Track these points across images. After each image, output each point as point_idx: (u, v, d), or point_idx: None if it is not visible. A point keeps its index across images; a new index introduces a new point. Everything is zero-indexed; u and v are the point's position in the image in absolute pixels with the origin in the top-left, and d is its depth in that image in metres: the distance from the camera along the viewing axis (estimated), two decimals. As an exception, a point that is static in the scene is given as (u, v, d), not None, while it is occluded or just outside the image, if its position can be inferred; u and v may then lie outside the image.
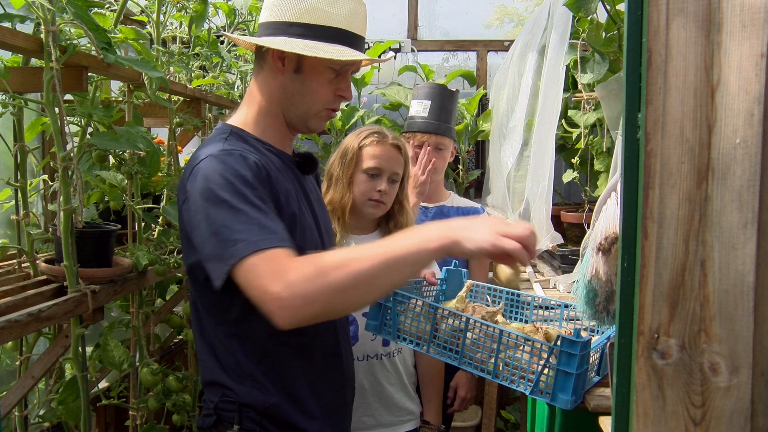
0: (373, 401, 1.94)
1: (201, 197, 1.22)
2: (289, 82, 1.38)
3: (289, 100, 1.39)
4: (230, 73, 2.84)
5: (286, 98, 1.40)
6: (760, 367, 0.81)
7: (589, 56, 2.11)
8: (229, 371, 1.38)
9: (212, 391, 1.42)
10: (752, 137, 0.79)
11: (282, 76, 1.38)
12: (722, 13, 0.80)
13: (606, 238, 1.32)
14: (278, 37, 1.34)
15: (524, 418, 2.54)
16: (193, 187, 1.24)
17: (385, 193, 1.92)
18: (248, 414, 1.37)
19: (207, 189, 1.22)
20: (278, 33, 1.34)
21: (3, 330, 1.36)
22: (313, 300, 1.11)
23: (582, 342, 1.28)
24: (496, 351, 1.38)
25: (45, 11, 1.46)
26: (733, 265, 0.81)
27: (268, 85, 1.40)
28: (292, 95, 1.39)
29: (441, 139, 2.50)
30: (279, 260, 1.14)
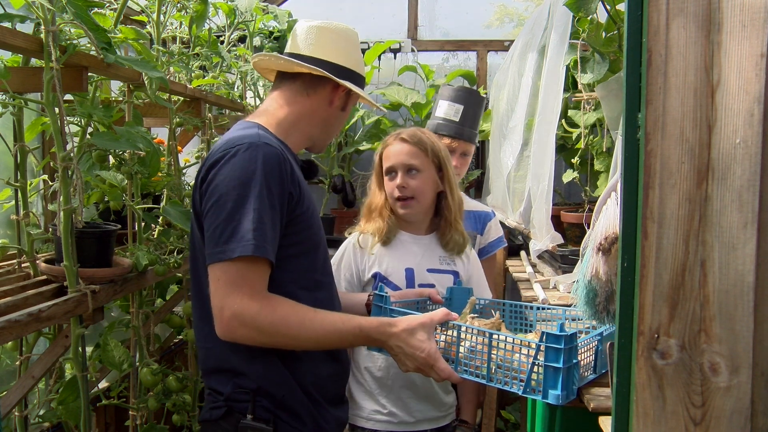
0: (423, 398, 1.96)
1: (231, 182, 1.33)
2: (334, 116, 1.61)
3: (325, 128, 1.62)
4: (230, 73, 2.84)
5: (324, 126, 1.61)
6: (760, 367, 0.81)
7: (589, 56, 2.11)
8: (239, 353, 1.41)
9: (220, 380, 1.43)
10: (752, 137, 0.79)
11: (330, 109, 1.59)
12: (722, 13, 0.80)
13: (606, 238, 1.32)
14: (344, 79, 1.56)
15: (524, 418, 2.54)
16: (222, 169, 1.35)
17: (405, 186, 1.93)
18: (261, 403, 1.40)
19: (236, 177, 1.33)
20: (341, 76, 1.56)
21: (3, 330, 1.36)
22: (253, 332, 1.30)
23: (566, 335, 1.29)
24: (488, 355, 1.39)
25: (45, 11, 1.46)
26: (733, 265, 0.81)
27: (312, 110, 1.57)
28: (330, 126, 1.63)
29: (469, 146, 2.53)
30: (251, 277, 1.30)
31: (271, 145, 1.39)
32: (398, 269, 1.93)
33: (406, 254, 1.96)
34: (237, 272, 1.29)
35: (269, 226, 1.32)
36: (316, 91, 1.57)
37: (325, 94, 1.57)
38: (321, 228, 1.57)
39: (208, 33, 2.51)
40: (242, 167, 1.33)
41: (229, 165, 1.34)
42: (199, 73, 2.58)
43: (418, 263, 1.96)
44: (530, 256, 2.52)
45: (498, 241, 2.49)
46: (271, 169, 1.35)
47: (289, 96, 1.57)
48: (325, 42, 1.58)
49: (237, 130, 1.48)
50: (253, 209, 1.30)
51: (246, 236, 1.29)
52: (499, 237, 2.49)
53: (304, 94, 1.56)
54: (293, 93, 1.57)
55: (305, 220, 1.45)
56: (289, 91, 1.57)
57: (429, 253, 1.99)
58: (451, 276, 1.99)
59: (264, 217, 1.31)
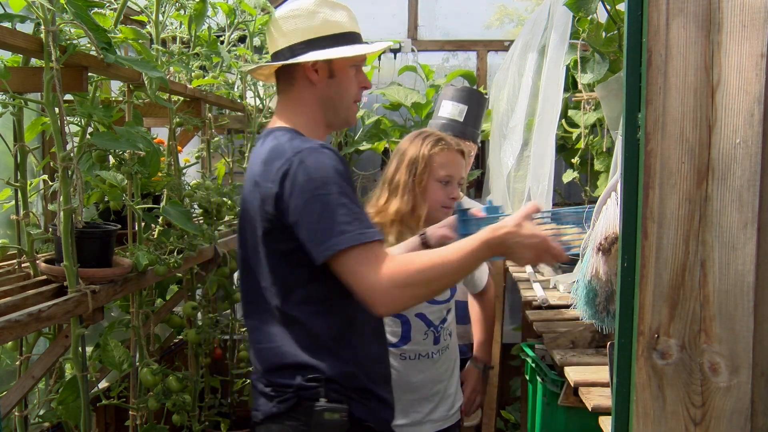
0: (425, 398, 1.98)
1: (307, 187, 1.37)
2: (326, 88, 1.56)
3: (328, 103, 1.57)
4: (230, 73, 2.84)
5: (325, 103, 1.57)
6: (760, 367, 0.81)
7: (589, 56, 2.11)
8: (306, 349, 1.46)
9: (285, 374, 1.47)
10: (752, 137, 0.79)
11: (318, 85, 1.55)
12: (722, 13, 0.80)
13: (606, 238, 1.32)
14: (305, 54, 1.51)
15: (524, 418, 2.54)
16: (297, 178, 1.38)
17: (456, 199, 1.97)
18: (332, 386, 1.45)
19: (313, 180, 1.37)
20: (302, 52, 1.52)
21: (3, 330, 1.36)
22: (405, 291, 1.34)
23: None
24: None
25: (45, 11, 1.46)
26: (733, 265, 0.81)
27: (304, 98, 1.56)
28: (330, 98, 1.57)
29: (471, 146, 2.54)
30: (377, 253, 1.35)
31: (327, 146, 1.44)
32: None
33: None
34: (366, 253, 1.34)
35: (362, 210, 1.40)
36: (294, 77, 1.56)
37: (300, 75, 1.55)
38: None
39: (208, 33, 2.51)
40: (317, 169, 1.38)
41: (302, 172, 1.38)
42: (199, 73, 2.58)
43: None
44: (530, 256, 2.51)
45: None
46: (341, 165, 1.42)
47: (284, 97, 1.59)
48: (275, 33, 1.57)
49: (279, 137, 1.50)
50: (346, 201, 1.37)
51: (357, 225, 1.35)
52: None
53: (290, 87, 1.57)
54: (283, 92, 1.59)
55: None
56: (282, 93, 1.60)
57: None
58: None
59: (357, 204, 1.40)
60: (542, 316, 2.01)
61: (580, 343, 1.77)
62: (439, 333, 1.99)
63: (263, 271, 1.49)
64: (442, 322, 2.00)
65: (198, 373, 2.54)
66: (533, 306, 2.12)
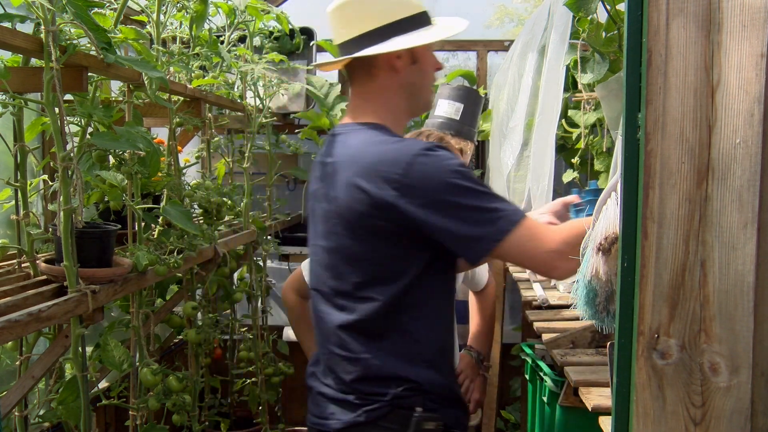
0: None
1: (441, 189, 1.34)
2: (410, 75, 1.49)
3: (413, 90, 1.52)
4: (230, 73, 2.84)
5: (409, 90, 1.51)
6: (760, 367, 0.81)
7: (589, 56, 2.11)
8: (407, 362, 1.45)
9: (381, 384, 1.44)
10: (752, 137, 0.79)
11: (402, 73, 1.48)
12: (722, 13, 0.80)
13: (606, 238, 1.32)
14: (389, 40, 1.43)
15: (524, 418, 2.54)
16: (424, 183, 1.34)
17: None
18: (429, 396, 1.44)
19: (445, 181, 1.34)
20: (382, 39, 1.43)
21: (3, 330, 1.36)
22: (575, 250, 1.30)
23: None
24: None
25: (45, 11, 1.46)
26: (733, 265, 0.81)
27: (387, 87, 1.49)
28: (414, 85, 1.51)
29: (467, 144, 2.54)
30: (536, 225, 1.35)
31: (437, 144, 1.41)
32: None
33: None
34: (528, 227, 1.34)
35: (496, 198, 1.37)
36: (375, 66, 1.47)
37: (383, 64, 1.47)
38: None
39: (208, 33, 2.51)
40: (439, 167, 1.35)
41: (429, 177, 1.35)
42: (199, 73, 2.58)
43: None
44: (530, 256, 2.51)
45: None
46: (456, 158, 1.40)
47: (363, 87, 1.51)
48: (349, 17, 1.46)
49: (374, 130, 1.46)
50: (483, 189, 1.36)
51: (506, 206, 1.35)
52: None
53: (370, 77, 1.49)
54: (363, 82, 1.51)
55: None
56: (360, 83, 1.52)
57: None
58: None
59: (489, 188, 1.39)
60: (542, 316, 2.01)
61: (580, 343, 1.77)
62: None
63: (358, 279, 1.44)
64: None
65: (198, 373, 2.54)
66: (533, 306, 2.12)
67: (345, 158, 1.45)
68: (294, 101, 3.62)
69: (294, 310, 2.40)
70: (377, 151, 1.41)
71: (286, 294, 2.42)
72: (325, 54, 3.65)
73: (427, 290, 1.45)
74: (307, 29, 3.58)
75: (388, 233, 1.40)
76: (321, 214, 1.52)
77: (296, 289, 2.39)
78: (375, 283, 1.44)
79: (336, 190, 1.44)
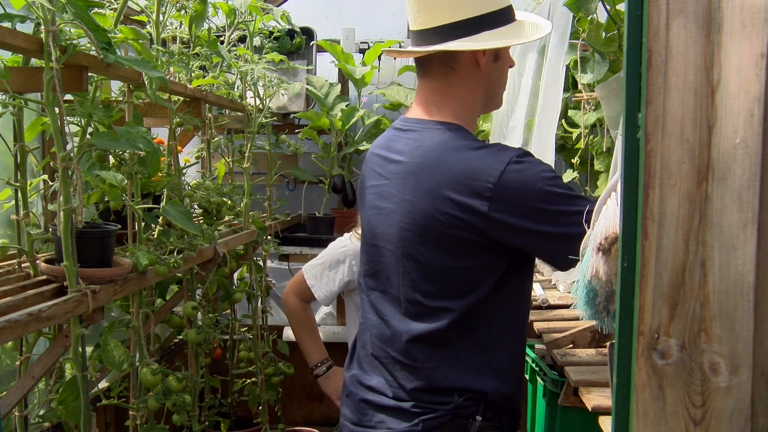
0: None
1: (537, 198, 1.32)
2: (491, 72, 1.45)
3: (490, 88, 1.48)
4: (230, 73, 2.84)
5: (490, 88, 1.48)
6: (760, 367, 0.81)
7: (589, 56, 2.11)
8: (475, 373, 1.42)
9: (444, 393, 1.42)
10: (752, 137, 0.79)
11: (482, 71, 1.43)
12: (722, 13, 0.80)
13: (606, 238, 1.32)
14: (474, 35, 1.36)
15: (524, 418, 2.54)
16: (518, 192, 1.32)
17: None
18: (489, 405, 1.41)
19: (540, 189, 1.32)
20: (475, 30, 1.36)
21: (3, 330, 1.36)
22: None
23: None
24: None
25: (45, 11, 1.46)
26: (733, 265, 0.81)
27: (468, 83, 1.44)
28: (493, 83, 1.48)
29: None
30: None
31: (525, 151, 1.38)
32: None
33: None
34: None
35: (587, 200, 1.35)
36: (458, 60, 1.41)
37: (467, 58, 1.40)
38: None
39: (208, 33, 2.51)
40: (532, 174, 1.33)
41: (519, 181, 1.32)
42: (199, 73, 2.58)
43: None
44: (530, 256, 2.52)
45: None
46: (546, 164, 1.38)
47: (440, 81, 1.44)
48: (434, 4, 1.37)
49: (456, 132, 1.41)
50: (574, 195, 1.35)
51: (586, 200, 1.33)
52: None
53: (450, 71, 1.42)
54: (441, 76, 1.44)
55: None
56: (436, 76, 1.44)
57: None
58: None
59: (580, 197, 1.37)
60: (542, 316, 2.01)
61: (580, 343, 1.77)
62: None
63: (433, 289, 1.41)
64: None
65: (198, 373, 2.53)
66: (533, 306, 2.12)
67: (423, 161, 1.39)
68: (294, 101, 3.62)
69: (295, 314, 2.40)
70: (464, 158, 1.35)
71: (287, 298, 2.42)
72: (325, 54, 3.65)
73: (503, 300, 1.42)
74: (307, 29, 3.58)
75: (471, 244, 1.36)
76: (388, 214, 1.46)
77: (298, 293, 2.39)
78: (451, 293, 1.41)
79: (413, 195, 1.39)
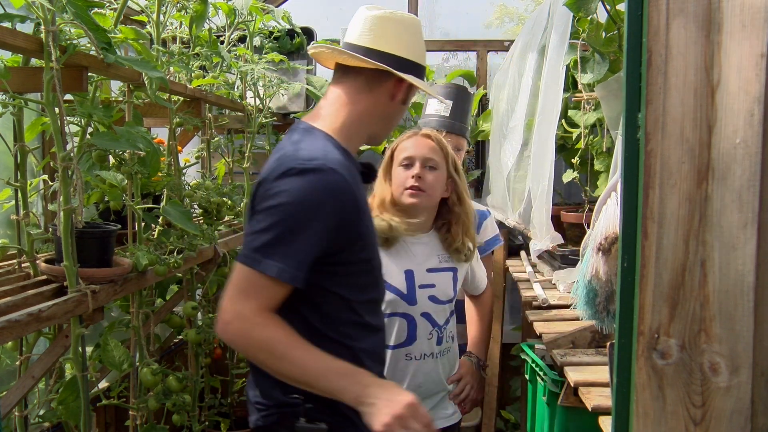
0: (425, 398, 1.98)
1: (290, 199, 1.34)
2: (395, 110, 1.57)
3: (386, 123, 1.58)
4: (230, 73, 2.84)
5: (385, 121, 1.58)
6: (760, 367, 0.81)
7: (589, 56, 2.11)
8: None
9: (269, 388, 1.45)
10: (752, 137, 0.79)
11: (393, 104, 1.54)
12: (722, 13, 0.80)
13: (606, 238, 1.32)
14: (408, 74, 1.51)
15: (524, 418, 2.54)
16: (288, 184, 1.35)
17: (421, 177, 1.93)
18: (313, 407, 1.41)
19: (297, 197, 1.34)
20: (404, 69, 1.51)
21: (3, 330, 1.36)
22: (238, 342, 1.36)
23: None
24: None
25: (45, 11, 1.46)
26: (733, 265, 0.81)
27: (374, 106, 1.53)
28: (391, 120, 1.59)
29: (460, 140, 2.55)
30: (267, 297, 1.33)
31: (338, 171, 1.37)
32: (398, 271, 1.94)
33: (406, 256, 1.96)
34: (258, 283, 1.32)
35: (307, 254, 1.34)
36: (380, 86, 1.52)
37: (387, 88, 1.52)
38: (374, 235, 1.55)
39: (208, 33, 2.51)
40: (305, 189, 1.34)
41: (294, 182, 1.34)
42: (199, 73, 2.58)
43: (419, 264, 1.96)
44: (530, 256, 2.52)
45: (494, 239, 2.51)
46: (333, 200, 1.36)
47: (352, 93, 1.53)
48: (387, 33, 1.52)
49: (304, 136, 1.46)
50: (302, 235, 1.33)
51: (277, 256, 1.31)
52: (495, 236, 2.51)
53: (366, 89, 1.52)
54: (355, 89, 1.52)
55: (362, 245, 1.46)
56: (352, 88, 1.53)
57: (429, 252, 1.99)
58: (450, 273, 2.00)
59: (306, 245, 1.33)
60: (542, 316, 2.01)
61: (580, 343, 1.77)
62: (443, 334, 1.99)
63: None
64: (446, 323, 2.00)
65: (198, 373, 2.54)
66: (533, 306, 2.12)
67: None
68: (294, 101, 3.62)
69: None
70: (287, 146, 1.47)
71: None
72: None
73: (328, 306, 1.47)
74: (307, 29, 3.58)
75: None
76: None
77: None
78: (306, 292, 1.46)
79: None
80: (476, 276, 2.17)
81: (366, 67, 1.50)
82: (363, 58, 1.49)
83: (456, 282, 2.01)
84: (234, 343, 1.39)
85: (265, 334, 1.32)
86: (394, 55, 1.51)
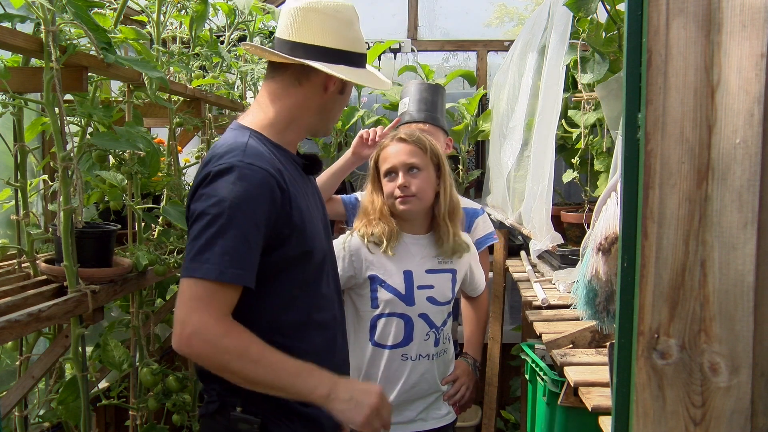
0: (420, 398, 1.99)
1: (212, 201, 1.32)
2: (331, 101, 1.54)
3: (325, 114, 1.55)
4: (230, 73, 2.84)
5: (322, 114, 1.54)
6: (760, 367, 0.81)
7: (589, 56, 2.11)
8: None
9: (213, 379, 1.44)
10: (752, 137, 0.79)
11: (326, 95, 1.51)
12: (722, 13, 0.80)
13: (606, 238, 1.32)
14: (335, 65, 1.46)
15: (524, 418, 2.54)
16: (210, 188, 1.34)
17: (407, 186, 1.93)
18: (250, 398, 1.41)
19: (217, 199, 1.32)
20: (329, 59, 1.46)
21: (3, 330, 1.36)
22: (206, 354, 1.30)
23: None
24: None
25: (45, 11, 1.46)
26: (733, 265, 0.81)
27: (306, 100, 1.51)
28: (329, 111, 1.56)
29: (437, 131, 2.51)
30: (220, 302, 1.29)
31: (255, 165, 1.35)
32: (397, 272, 1.94)
33: (405, 256, 1.96)
34: (204, 291, 1.29)
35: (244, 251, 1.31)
36: (309, 79, 1.49)
37: (318, 80, 1.49)
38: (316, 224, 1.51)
39: (209, 33, 2.51)
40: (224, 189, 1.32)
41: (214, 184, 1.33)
42: (199, 73, 2.58)
43: (417, 264, 1.96)
44: (530, 256, 2.52)
45: (486, 237, 2.46)
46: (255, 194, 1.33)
47: (280, 88, 1.50)
48: (311, 24, 1.47)
49: (230, 136, 1.47)
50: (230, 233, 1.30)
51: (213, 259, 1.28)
52: (488, 234, 2.47)
53: (296, 83, 1.49)
54: (284, 84, 1.50)
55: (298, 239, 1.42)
56: (281, 83, 1.50)
57: (427, 253, 1.99)
58: (449, 275, 2.00)
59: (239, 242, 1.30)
60: (542, 316, 2.01)
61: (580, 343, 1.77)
62: (440, 335, 1.99)
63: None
64: (443, 325, 2.00)
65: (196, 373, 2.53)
66: (533, 306, 2.12)
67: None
68: (294, 101, 3.62)
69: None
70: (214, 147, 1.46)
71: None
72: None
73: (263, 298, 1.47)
74: (307, 29, 3.57)
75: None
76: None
77: None
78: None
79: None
80: (475, 277, 2.16)
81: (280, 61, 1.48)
82: (282, 55, 1.46)
83: (455, 283, 2.01)
84: (200, 356, 1.31)
85: (236, 340, 1.30)
86: (319, 46, 1.46)
